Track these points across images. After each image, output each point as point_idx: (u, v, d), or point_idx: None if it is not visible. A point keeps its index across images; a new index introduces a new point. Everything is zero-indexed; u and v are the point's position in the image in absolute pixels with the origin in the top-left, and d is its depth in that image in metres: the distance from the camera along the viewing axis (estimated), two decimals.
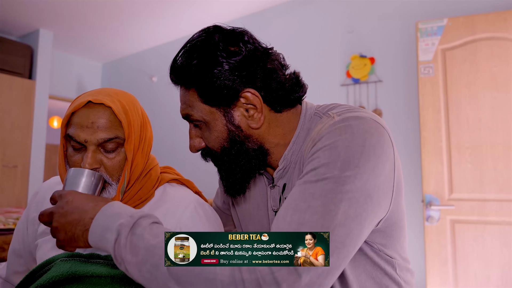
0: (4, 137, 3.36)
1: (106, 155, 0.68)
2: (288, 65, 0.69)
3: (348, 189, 0.52)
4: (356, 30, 2.83)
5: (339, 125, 0.58)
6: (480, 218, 1.95)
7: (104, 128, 0.67)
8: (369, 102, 2.71)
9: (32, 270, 0.67)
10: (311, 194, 0.52)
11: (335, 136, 0.56)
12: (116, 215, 0.54)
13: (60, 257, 0.66)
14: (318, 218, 0.50)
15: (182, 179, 0.83)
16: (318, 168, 0.54)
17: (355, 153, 0.54)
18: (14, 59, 3.46)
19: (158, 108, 3.87)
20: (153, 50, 4.06)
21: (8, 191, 3.38)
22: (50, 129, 6.32)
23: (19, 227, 0.83)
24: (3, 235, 1.94)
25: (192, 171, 3.47)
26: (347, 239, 0.50)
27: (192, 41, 0.64)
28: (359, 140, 0.55)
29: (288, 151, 0.66)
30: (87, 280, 0.62)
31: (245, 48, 0.63)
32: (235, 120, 0.64)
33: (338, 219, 0.50)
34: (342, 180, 0.52)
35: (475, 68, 2.05)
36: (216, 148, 0.67)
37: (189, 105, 0.65)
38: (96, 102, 0.67)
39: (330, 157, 0.54)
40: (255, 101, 0.63)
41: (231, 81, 0.61)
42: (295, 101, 0.68)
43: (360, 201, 0.52)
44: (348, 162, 0.53)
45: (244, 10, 3.34)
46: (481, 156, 1.99)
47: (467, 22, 2.08)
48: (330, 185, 0.52)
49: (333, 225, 0.49)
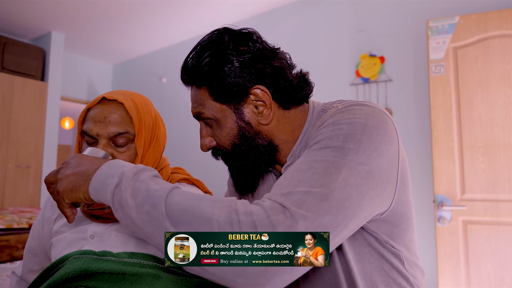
0: (17, 138, 3.42)
1: (116, 149, 0.70)
2: (295, 65, 0.71)
3: (350, 159, 0.52)
4: (365, 29, 2.81)
5: (342, 110, 0.60)
6: (494, 218, 1.92)
7: (115, 123, 0.70)
8: (379, 101, 2.68)
9: (46, 268, 0.68)
10: (313, 159, 0.53)
11: (338, 117, 0.58)
12: (121, 165, 0.55)
13: (73, 255, 0.67)
14: (318, 177, 0.50)
15: (192, 178, 0.84)
16: (321, 140, 0.56)
17: (357, 129, 0.55)
18: (27, 62, 3.52)
19: (167, 108, 3.89)
20: (162, 51, 4.09)
21: (21, 191, 3.44)
22: (61, 130, 6.42)
23: (34, 226, 0.85)
24: (17, 234, 1.98)
25: (202, 171, 3.49)
26: (346, 202, 0.49)
27: (202, 42, 0.67)
28: (361, 120, 0.56)
29: (296, 147, 0.68)
30: (99, 277, 0.63)
31: (253, 47, 0.65)
32: (245, 116, 0.66)
33: (338, 182, 0.49)
34: (344, 151, 0.52)
35: (487, 66, 2.02)
36: (227, 145, 0.68)
37: (200, 104, 0.67)
38: (110, 98, 0.71)
39: (333, 131, 0.56)
40: (264, 98, 0.65)
41: (241, 78, 0.63)
42: (303, 99, 0.70)
43: (361, 173, 0.51)
44: (350, 136, 0.54)
45: (253, 10, 3.35)
46: (494, 155, 1.95)
47: (479, 20, 2.05)
48: (333, 153, 0.53)
49: (333, 186, 0.49)
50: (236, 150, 0.68)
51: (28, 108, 3.51)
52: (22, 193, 3.45)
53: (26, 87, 3.49)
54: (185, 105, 4.03)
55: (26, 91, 3.49)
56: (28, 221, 2.12)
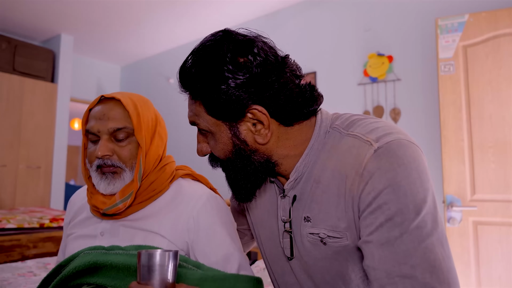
0: (28, 139, 3.47)
1: (118, 144, 0.75)
2: (303, 75, 0.65)
3: (429, 230, 0.53)
4: (373, 28, 2.79)
5: (385, 156, 0.56)
6: (504, 219, 1.89)
7: (114, 119, 0.74)
8: (387, 101, 2.66)
9: (59, 265, 0.72)
10: (405, 252, 0.52)
11: (389, 172, 0.55)
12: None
13: (84, 251, 0.71)
14: (430, 274, 0.51)
15: (195, 174, 0.87)
16: (393, 217, 0.54)
17: (417, 187, 0.54)
18: (37, 64, 3.57)
19: (174, 109, 3.92)
20: (169, 53, 4.12)
21: (32, 191, 3.49)
22: (71, 131, 6.50)
23: (63, 229, 0.93)
24: (28, 234, 2.00)
25: (209, 171, 3.50)
26: (451, 272, 0.53)
27: (200, 49, 0.62)
28: (413, 172, 0.55)
29: (301, 163, 0.65)
30: (107, 274, 0.67)
31: (254, 60, 0.59)
32: (241, 134, 0.63)
33: (440, 260, 0.52)
34: (422, 224, 0.53)
35: (498, 64, 1.99)
36: (221, 157, 0.66)
37: (195, 114, 0.65)
38: (108, 97, 0.77)
39: (398, 200, 0.54)
40: (262, 118, 0.61)
41: (237, 98, 0.59)
42: (309, 114, 0.65)
43: (438, 230, 0.54)
44: (417, 202, 0.54)
45: (259, 11, 3.35)
46: (505, 155, 1.92)
47: (489, 18, 2.02)
48: (416, 234, 0.53)
49: (444, 271, 0.52)
50: (231, 163, 0.65)
51: (38, 109, 3.56)
52: (33, 193, 3.50)
53: (36, 89, 3.54)
54: None
55: (36, 92, 3.54)
56: (39, 220, 2.15)
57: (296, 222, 0.66)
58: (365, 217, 0.56)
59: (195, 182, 0.84)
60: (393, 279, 0.52)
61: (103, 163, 0.74)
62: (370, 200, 0.55)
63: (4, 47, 3.37)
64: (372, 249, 0.55)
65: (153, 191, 0.77)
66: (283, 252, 0.70)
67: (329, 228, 0.61)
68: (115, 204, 0.73)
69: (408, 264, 0.51)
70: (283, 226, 0.69)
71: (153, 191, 0.77)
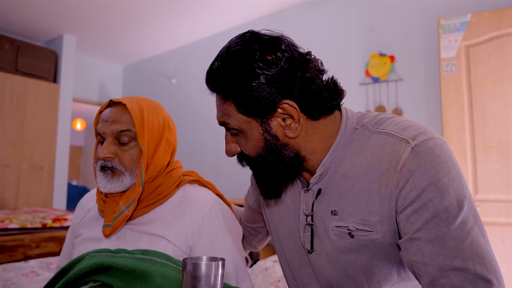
0: (31, 139, 3.49)
1: (121, 147, 0.77)
2: (326, 70, 0.68)
3: (472, 223, 0.56)
4: (375, 28, 2.78)
5: (424, 154, 0.58)
6: (508, 219, 1.88)
7: (118, 122, 0.77)
8: (389, 101, 2.66)
9: (62, 268, 0.73)
10: (454, 246, 0.55)
11: (430, 170, 0.57)
12: None
13: (90, 254, 0.72)
14: (480, 265, 0.55)
15: (202, 180, 0.87)
16: (439, 214, 0.56)
17: (457, 183, 0.57)
18: (40, 64, 3.59)
19: (177, 109, 3.92)
20: (172, 53, 4.12)
21: (35, 191, 3.50)
22: (73, 131, 6.52)
23: (69, 231, 0.93)
24: (31, 234, 2.01)
25: (212, 172, 3.50)
26: (489, 255, 0.56)
27: (228, 50, 0.64)
28: (451, 169, 0.58)
29: (327, 158, 0.66)
30: (113, 273, 0.67)
31: (282, 56, 0.62)
32: (272, 129, 0.65)
33: (485, 251, 0.56)
34: (466, 218, 0.56)
35: (501, 64, 1.98)
36: (252, 155, 0.68)
37: (226, 114, 0.66)
38: (116, 101, 0.80)
39: (442, 197, 0.56)
40: (292, 112, 0.63)
41: (268, 93, 0.61)
42: (333, 108, 0.67)
43: (478, 222, 0.58)
44: (459, 198, 0.56)
45: (262, 11, 3.35)
46: (509, 155, 1.91)
47: (492, 17, 2.01)
48: (462, 228, 0.56)
49: (490, 261, 0.55)
50: (262, 160, 0.67)
51: (41, 109, 3.57)
52: (36, 193, 3.51)
53: (39, 89, 3.55)
54: (194, 106, 4.06)
55: (39, 93, 3.55)
56: (42, 220, 2.15)
57: (319, 216, 0.68)
58: (408, 214, 0.58)
59: (202, 188, 0.85)
60: (446, 272, 0.55)
61: (104, 164, 0.77)
62: (413, 198, 0.57)
63: (7, 47, 3.38)
64: (420, 245, 0.56)
65: (159, 195, 0.79)
66: (302, 245, 0.71)
67: (359, 221, 0.62)
68: (121, 212, 0.75)
69: (459, 258, 0.54)
70: (305, 220, 0.70)
71: (159, 195, 0.79)
